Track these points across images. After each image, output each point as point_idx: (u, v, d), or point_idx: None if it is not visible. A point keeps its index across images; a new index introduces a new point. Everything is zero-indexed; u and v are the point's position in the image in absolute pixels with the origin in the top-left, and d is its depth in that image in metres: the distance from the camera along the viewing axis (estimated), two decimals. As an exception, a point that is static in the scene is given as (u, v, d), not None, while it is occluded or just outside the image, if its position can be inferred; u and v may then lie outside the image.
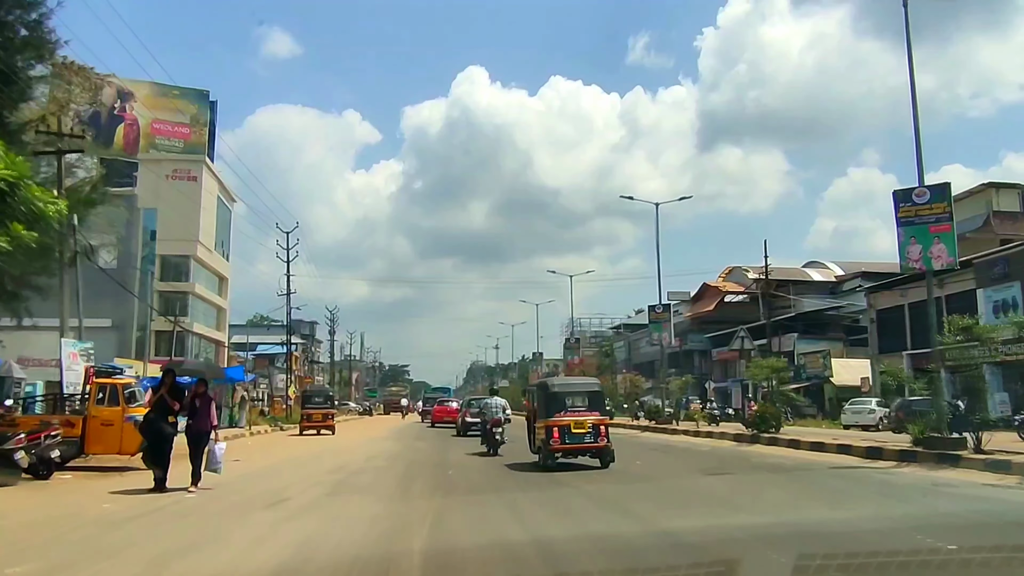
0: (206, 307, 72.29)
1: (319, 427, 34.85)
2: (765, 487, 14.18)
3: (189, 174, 67.87)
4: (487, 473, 17.14)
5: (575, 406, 17.44)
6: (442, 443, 29.29)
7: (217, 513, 11.11)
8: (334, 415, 35.75)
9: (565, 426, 16.88)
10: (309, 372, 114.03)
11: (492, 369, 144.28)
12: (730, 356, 68.73)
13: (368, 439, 32.74)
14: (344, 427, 44.14)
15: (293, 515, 10.72)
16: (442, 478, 16.07)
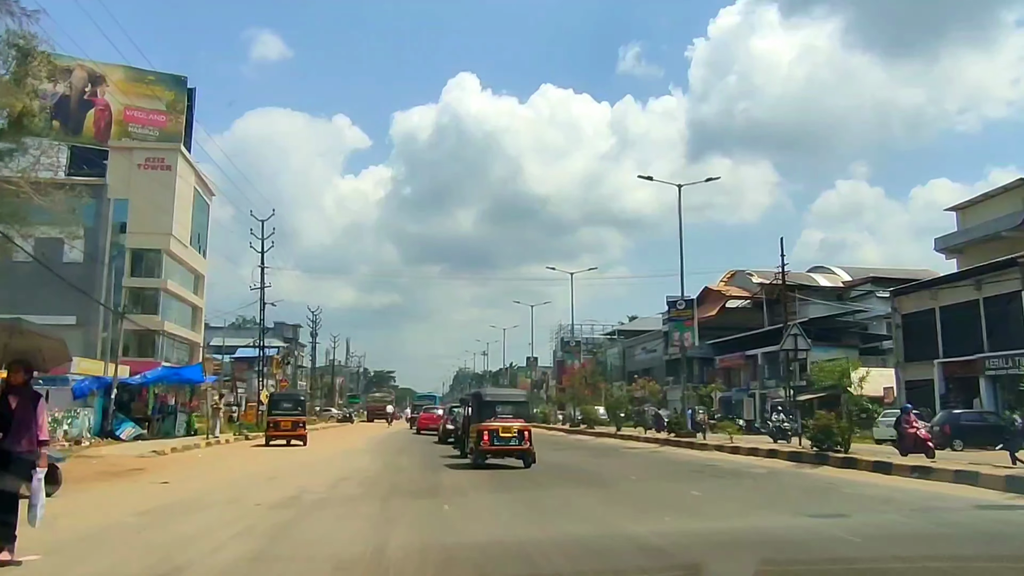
0: (180, 305, 66.68)
1: (288, 436, 29.52)
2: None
3: (163, 163, 62.33)
4: (499, 513, 11.86)
5: (504, 414, 19.59)
6: (430, 456, 24.12)
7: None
8: (306, 423, 30.32)
9: (494, 430, 18.89)
10: (292, 377, 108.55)
11: (480, 376, 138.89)
12: (735, 363, 63.78)
13: (343, 451, 27.42)
14: (320, 436, 38.73)
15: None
16: (437, 521, 10.78)
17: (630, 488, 15.45)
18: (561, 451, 27.96)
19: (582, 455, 25.65)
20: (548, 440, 37.10)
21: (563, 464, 22.18)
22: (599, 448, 29.60)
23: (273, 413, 29.55)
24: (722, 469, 19.19)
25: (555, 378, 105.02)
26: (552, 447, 30.79)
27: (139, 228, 60.22)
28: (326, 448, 29.43)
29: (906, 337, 45.78)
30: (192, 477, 17.27)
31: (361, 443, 33.23)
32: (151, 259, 62.35)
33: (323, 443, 33.12)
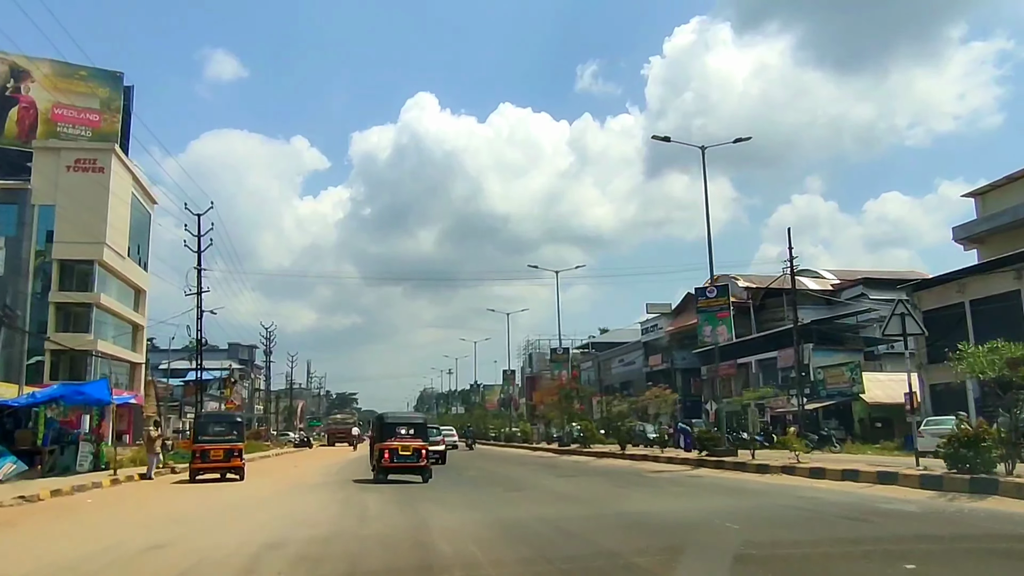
0: (118, 323, 58.76)
1: (221, 469, 22.44)
2: None
3: (95, 164, 54.74)
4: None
5: (403, 434, 21.21)
6: (405, 492, 17.35)
7: None
8: (243, 450, 23.10)
9: (394, 449, 20.71)
10: (249, 400, 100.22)
11: (445, 395, 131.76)
12: (725, 373, 57.58)
13: (291, 488, 20.40)
14: (268, 467, 31.67)
15: None
16: None
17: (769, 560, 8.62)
18: (567, 478, 21.31)
19: (600, 484, 19.02)
20: (539, 463, 30.32)
21: (580, 497, 15.69)
22: (614, 473, 22.95)
23: (201, 440, 22.34)
24: (888, 513, 12.30)
25: (525, 394, 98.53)
26: (551, 471, 24.14)
27: (68, 237, 52.62)
28: (270, 482, 22.44)
29: (928, 337, 39.96)
30: (32, 544, 10.36)
31: (316, 473, 26.22)
32: (83, 271, 54.58)
33: (269, 475, 26.04)
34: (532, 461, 32.25)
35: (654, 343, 65.50)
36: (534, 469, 26.31)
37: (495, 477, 23.11)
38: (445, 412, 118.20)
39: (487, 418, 77.30)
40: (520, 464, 30.07)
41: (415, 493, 17.20)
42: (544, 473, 23.96)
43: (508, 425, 61.42)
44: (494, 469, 27.16)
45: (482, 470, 26.49)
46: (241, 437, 22.96)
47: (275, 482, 22.50)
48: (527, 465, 29.28)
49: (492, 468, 27.83)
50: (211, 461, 22.28)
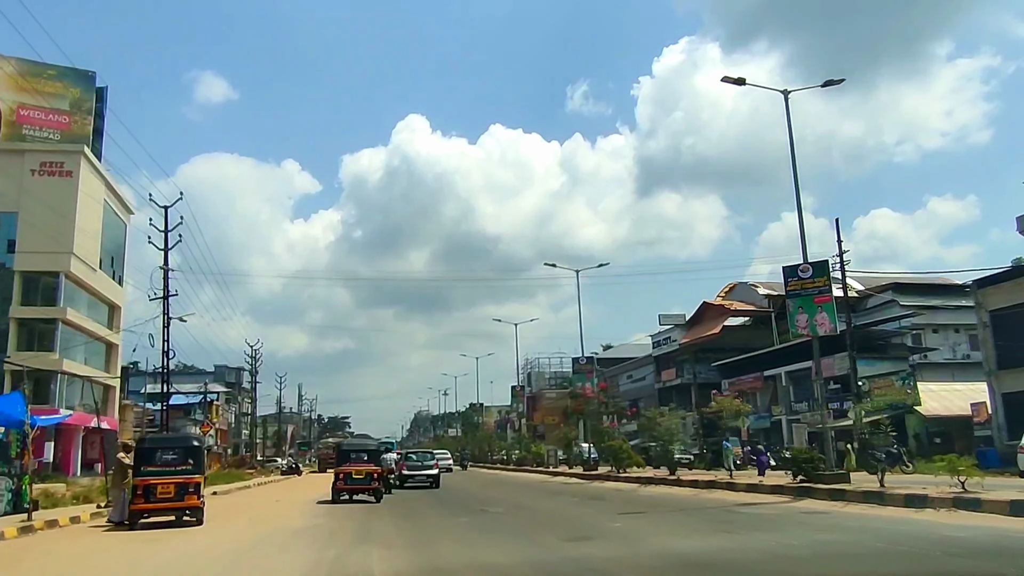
0: (89, 342, 52.39)
1: (175, 509, 16.30)
2: None
3: (62, 168, 48.71)
4: None
5: (357, 460, 23.83)
6: (434, 550, 11.33)
7: None
8: (201, 484, 16.84)
9: (348, 473, 22.71)
10: (235, 424, 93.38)
11: (439, 417, 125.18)
12: (750, 386, 51.66)
13: (262, 539, 14.31)
14: (242, 501, 25.46)
15: None
16: None
17: None
18: (636, 517, 15.40)
19: (704, 528, 13.05)
20: (573, 492, 24.24)
21: (716, 560, 9.65)
22: (693, 508, 16.90)
23: (144, 472, 16.21)
24: None
25: (525, 415, 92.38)
26: (602, 506, 18.25)
27: (32, 246, 46.46)
28: (237, 529, 16.31)
29: (998, 340, 34.38)
30: None
31: (301, 511, 20.06)
32: (48, 284, 48.37)
33: (240, 514, 19.86)
34: (561, 490, 26.19)
35: (667, 356, 59.66)
36: (574, 502, 20.37)
37: (534, 516, 17.11)
38: (444, 434, 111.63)
39: (491, 439, 70.92)
40: (550, 495, 24.04)
41: (445, 552, 11.20)
42: (595, 509, 18.01)
43: (518, 447, 55.11)
44: (523, 501, 21.18)
45: (509, 503, 20.49)
46: (200, 467, 16.79)
47: (244, 528, 16.39)
48: (560, 496, 23.29)
49: (520, 499, 21.87)
50: (159, 500, 16.14)
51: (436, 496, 25.26)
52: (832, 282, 55.49)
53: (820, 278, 20.76)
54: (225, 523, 17.20)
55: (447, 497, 24.61)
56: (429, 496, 25.40)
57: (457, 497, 24.81)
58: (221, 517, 18.44)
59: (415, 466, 31.60)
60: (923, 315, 46.86)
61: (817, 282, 20.54)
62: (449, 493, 26.98)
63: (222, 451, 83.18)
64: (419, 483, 30.16)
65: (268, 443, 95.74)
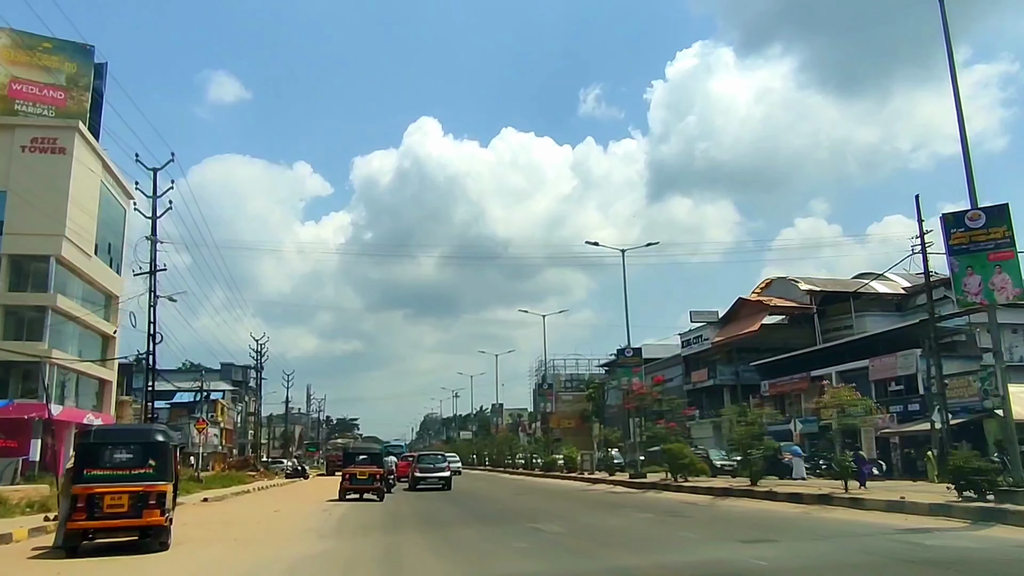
0: (83, 333, 47.81)
1: (129, 525, 11.56)
2: None
3: (55, 144, 44.04)
4: None
5: (361, 461, 25.45)
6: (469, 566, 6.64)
7: None
8: (167, 493, 12.11)
9: (353, 474, 24.58)
10: (242, 424, 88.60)
11: (448, 421, 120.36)
12: (794, 388, 46.68)
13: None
14: (235, 510, 20.78)
15: None
16: None
17: None
18: (770, 546, 10.75)
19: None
20: (637, 506, 19.41)
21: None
22: (844, 534, 12.16)
23: (89, 478, 11.54)
24: None
25: (537, 419, 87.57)
26: (700, 530, 13.41)
27: (21, 228, 41.91)
28: (210, 559, 11.48)
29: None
30: None
31: (303, 528, 15.27)
32: (39, 269, 43.82)
33: (223, 532, 15.07)
34: (616, 501, 21.32)
35: (697, 356, 54.81)
36: (651, 520, 15.63)
37: (612, 538, 12.45)
38: (456, 437, 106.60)
39: (511, 442, 65.92)
40: (608, 508, 19.14)
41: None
42: (696, 532, 13.24)
43: (542, 450, 50.06)
44: (580, 517, 16.41)
45: (563, 519, 15.68)
46: (165, 470, 11.99)
47: (223, 557, 11.60)
48: (622, 509, 18.48)
49: (573, 514, 17.08)
50: (106, 515, 11.43)
51: (466, 508, 20.56)
52: (877, 279, 50.60)
53: (997, 228, 15.42)
54: (200, 547, 12.45)
55: (480, 508, 19.94)
56: (457, 507, 20.74)
57: (491, 508, 20.13)
58: (199, 537, 13.71)
59: (427, 468, 31.87)
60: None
61: (993, 233, 15.32)
62: (480, 503, 22.28)
63: (227, 452, 78.49)
64: (431, 485, 30.49)
65: (275, 444, 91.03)
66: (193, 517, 18.16)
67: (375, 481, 24.32)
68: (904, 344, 39.61)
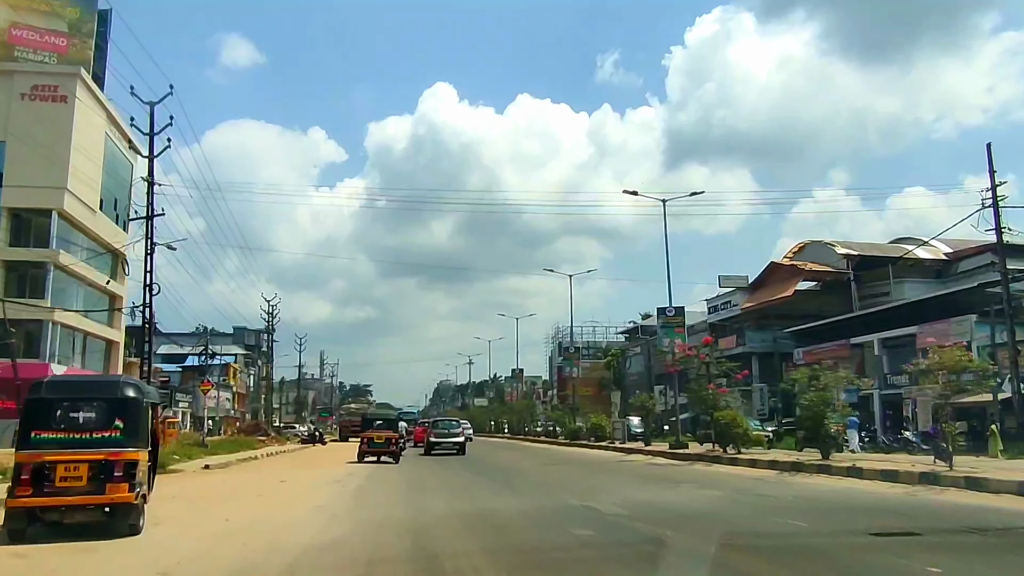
0: (88, 292, 45.41)
1: (88, 503, 8.89)
2: None
3: (55, 92, 41.29)
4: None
5: (378, 427, 26.50)
6: None
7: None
8: (140, 463, 9.49)
9: (371, 438, 25.77)
10: (255, 390, 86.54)
11: (463, 388, 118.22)
12: (831, 355, 43.63)
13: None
14: (237, 480, 18.21)
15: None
16: None
17: None
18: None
19: None
20: (697, 480, 16.66)
21: None
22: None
23: (32, 443, 8.86)
24: None
25: (554, 386, 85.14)
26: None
27: (21, 180, 39.32)
28: (186, 548, 8.77)
29: None
30: None
31: (308, 510, 12.45)
32: (40, 224, 41.28)
33: (216, 508, 12.40)
34: (672, 476, 18.48)
35: (725, 323, 51.91)
36: (728, 502, 12.82)
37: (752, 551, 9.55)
38: (471, 404, 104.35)
39: (532, 409, 63.37)
40: (666, 483, 16.43)
41: None
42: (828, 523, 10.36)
43: (567, 418, 47.40)
44: (651, 497, 13.56)
45: (632, 501, 12.87)
46: (136, 433, 9.26)
47: (203, 546, 8.88)
48: (681, 485, 15.72)
49: (645, 495, 14.18)
50: (59, 491, 8.77)
51: (498, 480, 17.95)
52: (916, 244, 47.42)
53: None
54: (181, 531, 9.79)
55: (514, 482, 17.31)
56: (487, 479, 18.17)
57: (527, 482, 17.50)
58: (183, 517, 11.08)
59: (442, 434, 32.69)
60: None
61: None
62: (511, 476, 19.61)
63: (240, 416, 76.51)
64: (446, 450, 31.29)
65: (288, 409, 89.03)
66: (186, 488, 15.58)
67: (391, 445, 25.70)
68: (950, 311, 36.64)
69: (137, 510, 9.22)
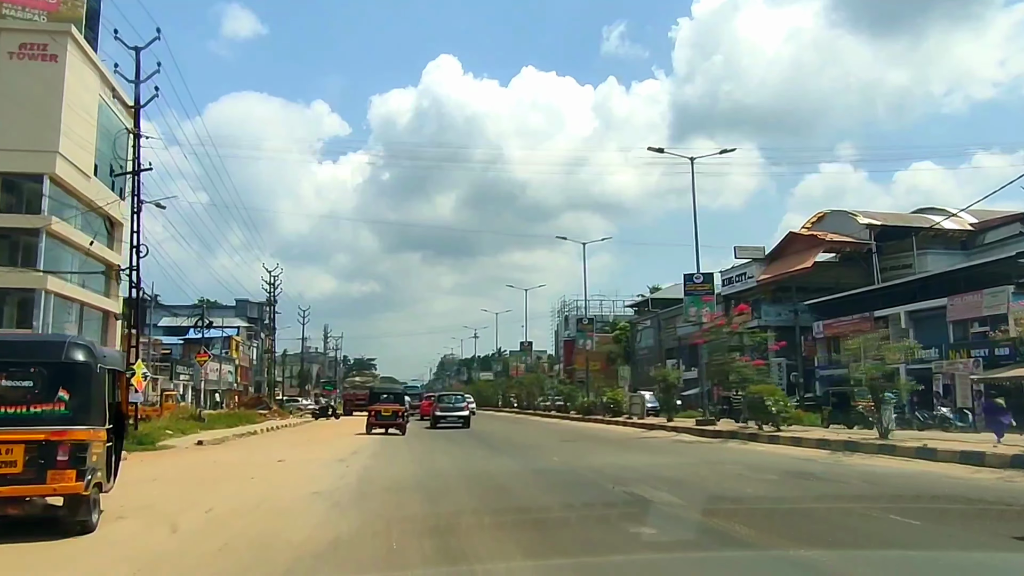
0: (84, 262, 43.44)
1: (23, 495, 6.98)
2: None
3: (45, 51, 39.05)
4: None
5: (384, 400, 27.89)
6: None
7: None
8: (91, 445, 7.62)
9: (378, 411, 26.74)
10: (258, 363, 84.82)
11: (469, 361, 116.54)
12: (854, 329, 41.60)
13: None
14: (228, 458, 16.41)
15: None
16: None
17: None
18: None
19: None
20: (743, 462, 14.72)
21: None
22: None
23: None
24: None
25: (561, 360, 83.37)
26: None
27: (10, 143, 37.21)
28: (147, 554, 6.87)
29: None
30: None
31: (306, 497, 10.52)
32: (33, 190, 39.30)
33: (200, 495, 10.47)
34: (712, 457, 16.53)
35: (739, 295, 49.87)
36: (792, 487, 10.88)
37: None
38: (477, 378, 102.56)
39: (542, 382, 61.55)
40: (707, 466, 14.48)
41: None
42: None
43: (584, 392, 45.53)
44: (704, 485, 11.63)
45: (679, 487, 10.93)
46: (88, 410, 7.32)
47: (170, 547, 6.96)
48: (725, 466, 13.79)
49: (693, 481, 12.29)
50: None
51: (519, 460, 15.99)
52: (939, 214, 45.26)
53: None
54: (145, 528, 7.87)
55: (538, 464, 15.31)
56: (506, 459, 16.27)
57: (551, 463, 15.53)
58: (157, 505, 9.18)
59: (447, 408, 33.13)
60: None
61: None
62: (531, 454, 17.75)
63: (242, 389, 74.85)
64: (451, 423, 31.64)
65: (292, 382, 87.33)
66: (171, 467, 13.73)
67: (397, 417, 26.47)
68: (979, 283, 34.66)
69: (87, 504, 7.28)
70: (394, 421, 26.31)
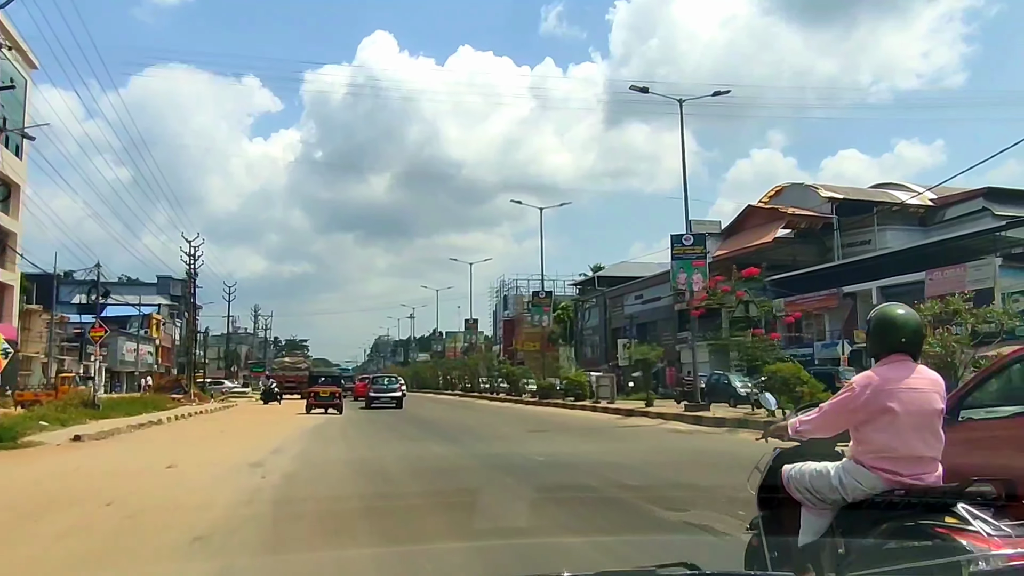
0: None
1: None
2: None
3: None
4: None
5: (323, 382, 31.16)
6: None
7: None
8: None
9: (317, 392, 28.59)
10: (184, 342, 78.50)
11: (404, 343, 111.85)
12: (819, 306, 39.06)
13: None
14: (98, 461, 12.00)
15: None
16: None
17: None
18: None
19: None
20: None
21: None
22: None
23: None
24: None
25: (500, 341, 79.76)
26: None
27: None
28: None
29: None
30: None
31: (176, 537, 6.47)
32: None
33: (20, 529, 6.20)
34: (729, 450, 13.09)
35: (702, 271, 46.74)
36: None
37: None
38: (414, 359, 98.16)
39: (489, 361, 57.60)
40: (730, 472, 10.88)
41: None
42: None
43: (546, 372, 41.30)
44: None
45: (713, 500, 7.30)
46: None
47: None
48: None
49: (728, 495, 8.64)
50: None
51: (482, 458, 12.21)
52: (899, 189, 43.02)
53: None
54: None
55: (508, 462, 11.53)
56: (466, 454, 12.55)
57: (529, 463, 11.75)
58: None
59: (381, 389, 33.98)
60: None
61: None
62: (493, 445, 14.05)
63: (164, 371, 68.88)
64: (384, 404, 32.23)
65: (219, 364, 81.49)
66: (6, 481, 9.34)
67: (334, 398, 28.12)
68: (945, 259, 32.44)
69: None
70: (331, 402, 27.89)
